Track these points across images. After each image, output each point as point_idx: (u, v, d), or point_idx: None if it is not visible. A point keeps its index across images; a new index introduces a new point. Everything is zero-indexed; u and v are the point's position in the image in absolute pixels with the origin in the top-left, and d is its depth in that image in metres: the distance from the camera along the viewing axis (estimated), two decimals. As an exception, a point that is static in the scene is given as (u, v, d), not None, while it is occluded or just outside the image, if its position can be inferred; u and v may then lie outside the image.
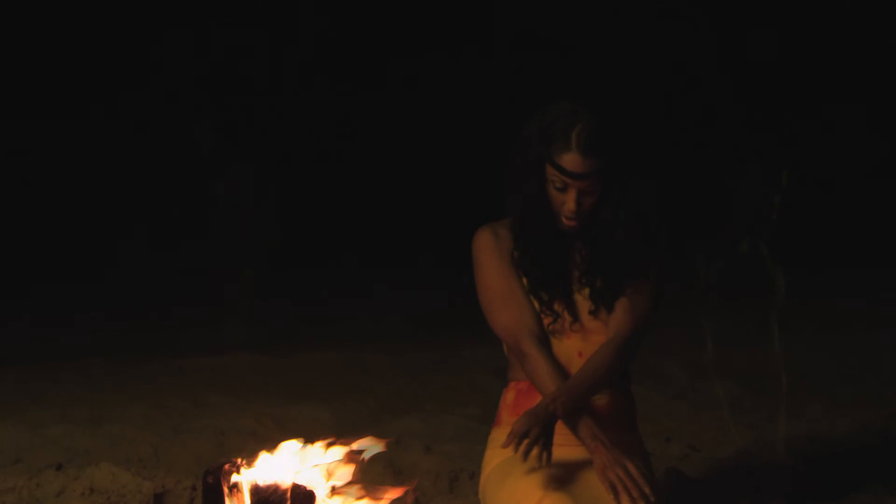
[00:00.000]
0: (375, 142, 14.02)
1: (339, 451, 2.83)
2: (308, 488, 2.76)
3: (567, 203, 2.77)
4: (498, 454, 2.89)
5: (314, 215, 13.11)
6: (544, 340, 2.83)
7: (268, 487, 2.74)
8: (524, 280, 2.88)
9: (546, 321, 2.83)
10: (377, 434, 4.70)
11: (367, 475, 2.97)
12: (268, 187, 10.84)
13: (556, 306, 2.83)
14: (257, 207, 10.46)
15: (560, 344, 2.84)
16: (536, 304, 2.84)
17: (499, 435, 2.91)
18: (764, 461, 4.24)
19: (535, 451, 2.63)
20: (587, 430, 2.77)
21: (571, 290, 2.85)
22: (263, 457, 2.82)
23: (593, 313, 2.84)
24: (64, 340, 8.07)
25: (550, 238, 2.85)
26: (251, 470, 2.77)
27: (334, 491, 2.80)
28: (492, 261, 2.89)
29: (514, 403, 2.93)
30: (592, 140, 2.70)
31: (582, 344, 2.84)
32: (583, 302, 2.86)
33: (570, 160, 2.71)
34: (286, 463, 2.82)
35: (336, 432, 3.54)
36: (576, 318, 2.84)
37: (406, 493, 2.86)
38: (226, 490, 2.75)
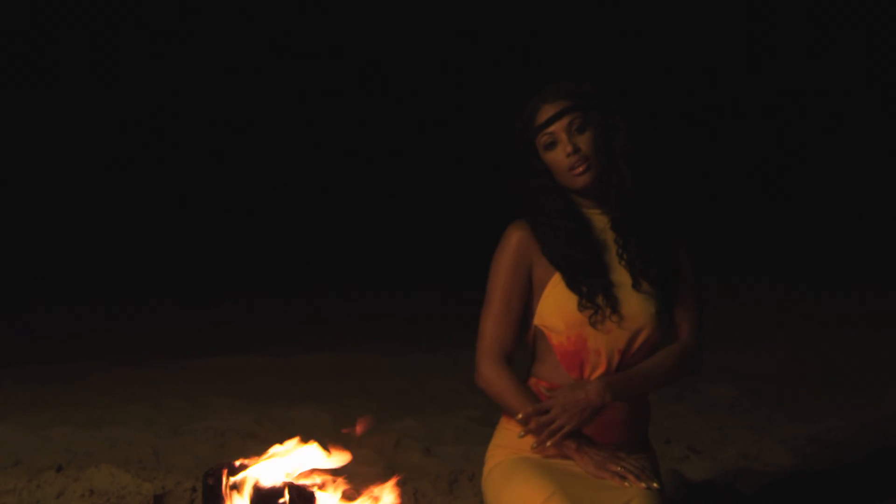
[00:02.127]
0: (376, 142, 14.02)
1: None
2: (308, 488, 2.77)
3: (565, 148, 2.80)
4: (501, 452, 2.88)
5: (314, 216, 13.12)
6: (510, 366, 2.86)
7: (268, 488, 2.74)
8: (557, 275, 2.84)
9: (587, 314, 2.81)
10: (377, 435, 4.73)
11: (366, 476, 2.97)
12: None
13: (599, 299, 2.82)
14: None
15: (598, 336, 2.81)
16: (576, 300, 2.83)
17: (505, 428, 2.89)
18: (764, 462, 4.24)
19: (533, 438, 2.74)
20: (572, 444, 2.76)
21: (610, 280, 2.84)
22: (263, 458, 2.82)
23: (636, 287, 2.83)
24: (67, 340, 8.07)
25: (571, 218, 2.85)
26: (251, 471, 2.78)
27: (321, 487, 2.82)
28: (506, 267, 2.87)
29: None
30: (557, 89, 2.84)
31: (619, 332, 2.82)
32: (622, 285, 2.84)
33: (543, 112, 2.83)
34: (285, 464, 2.83)
35: (337, 434, 3.54)
36: (615, 308, 2.82)
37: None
38: (226, 491, 2.75)
